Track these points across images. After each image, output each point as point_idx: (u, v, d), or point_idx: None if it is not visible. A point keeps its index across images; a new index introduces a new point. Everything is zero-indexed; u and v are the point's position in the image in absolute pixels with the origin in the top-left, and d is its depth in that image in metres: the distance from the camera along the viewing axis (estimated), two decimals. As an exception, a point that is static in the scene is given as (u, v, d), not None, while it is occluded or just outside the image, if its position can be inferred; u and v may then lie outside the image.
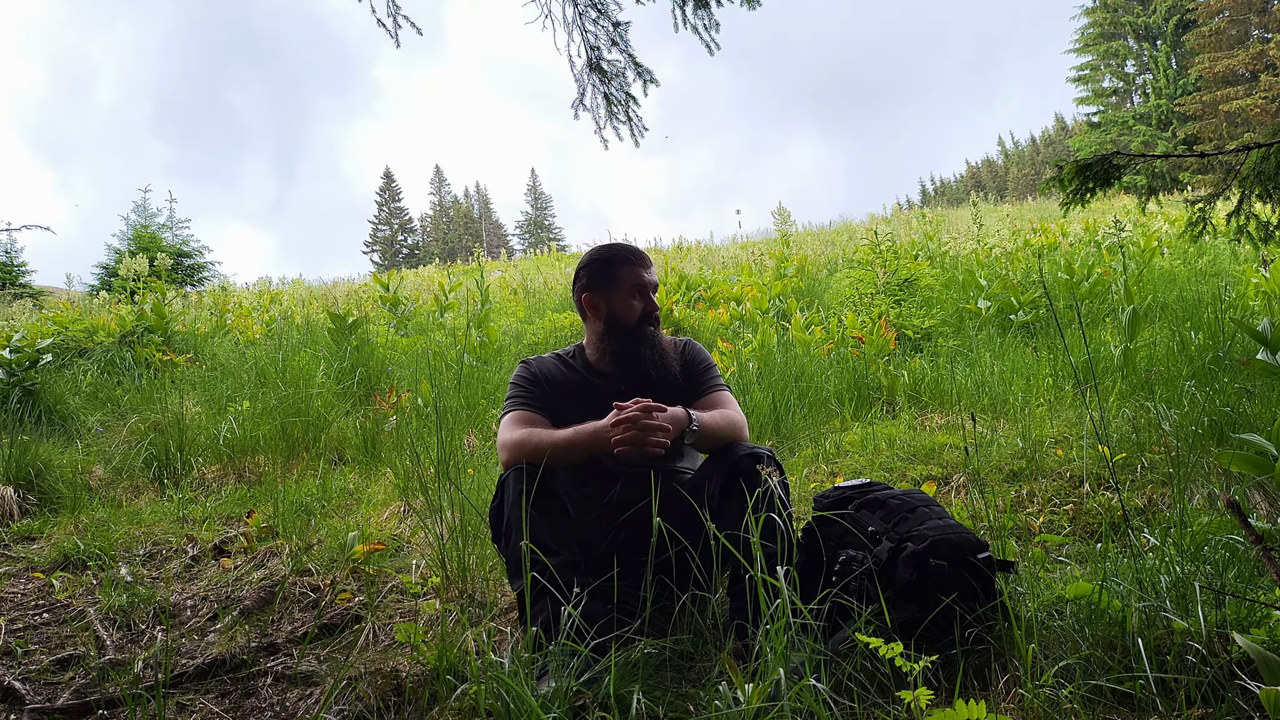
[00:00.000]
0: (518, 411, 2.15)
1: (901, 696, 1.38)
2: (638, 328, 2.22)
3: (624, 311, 2.21)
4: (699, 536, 1.88)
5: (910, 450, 3.50)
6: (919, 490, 2.04)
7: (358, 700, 1.74)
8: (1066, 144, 51.60)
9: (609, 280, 2.22)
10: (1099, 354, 4.30)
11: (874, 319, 5.50)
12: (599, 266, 2.25)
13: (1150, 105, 37.63)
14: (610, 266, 2.23)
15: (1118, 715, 1.45)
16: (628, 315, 2.21)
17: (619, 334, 2.22)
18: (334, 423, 4.53)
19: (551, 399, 2.20)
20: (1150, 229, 9.63)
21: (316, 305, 10.76)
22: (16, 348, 5.29)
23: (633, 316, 2.21)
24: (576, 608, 1.70)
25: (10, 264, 15.68)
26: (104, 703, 1.83)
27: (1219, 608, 1.58)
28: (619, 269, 2.22)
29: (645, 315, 2.23)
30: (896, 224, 15.23)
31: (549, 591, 1.79)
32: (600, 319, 2.23)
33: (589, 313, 2.26)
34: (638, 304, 2.22)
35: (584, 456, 2.04)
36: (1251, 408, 2.92)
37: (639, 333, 2.22)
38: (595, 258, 2.27)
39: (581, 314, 2.30)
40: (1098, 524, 2.47)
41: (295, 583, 2.48)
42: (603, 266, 2.24)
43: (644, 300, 2.23)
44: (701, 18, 3.78)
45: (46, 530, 3.35)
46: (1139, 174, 2.87)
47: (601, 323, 2.23)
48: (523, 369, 2.27)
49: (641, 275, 2.23)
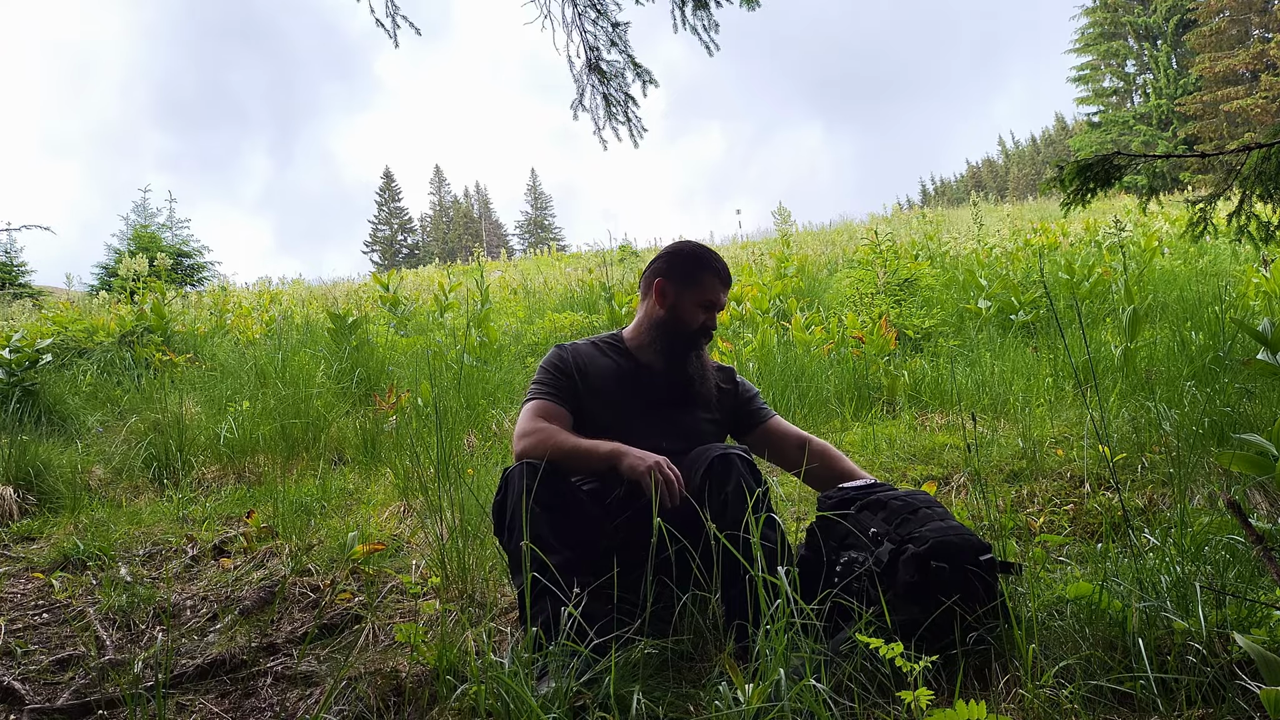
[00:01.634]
0: (542, 402, 2.16)
1: (902, 697, 1.38)
2: (695, 336, 2.23)
3: (689, 315, 2.22)
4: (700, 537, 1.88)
5: (910, 450, 3.50)
6: (922, 491, 2.04)
7: (358, 700, 1.74)
8: (1067, 144, 51.59)
9: (690, 279, 2.22)
10: (1099, 354, 4.30)
11: (874, 319, 5.49)
12: (689, 261, 2.25)
13: (1151, 105, 37.63)
14: (698, 268, 2.23)
15: (1118, 715, 1.45)
16: (690, 319, 2.22)
17: (674, 333, 2.22)
18: (334, 423, 4.53)
19: (580, 390, 2.20)
20: (1151, 229, 9.63)
21: (316, 305, 10.76)
22: (16, 348, 5.29)
23: (694, 324, 2.22)
24: (577, 608, 1.70)
25: (10, 264, 15.68)
26: (104, 703, 1.83)
27: (1219, 608, 1.58)
28: (703, 275, 2.22)
29: (704, 329, 2.24)
30: (897, 224, 15.24)
31: (550, 591, 1.79)
32: (664, 308, 2.23)
33: (656, 298, 2.24)
34: (702, 316, 2.23)
35: (595, 471, 2.05)
36: (1252, 408, 2.92)
37: (695, 341, 2.24)
38: (687, 252, 2.28)
39: (645, 294, 2.29)
40: (1098, 524, 2.47)
41: (295, 583, 2.48)
42: (692, 263, 2.25)
43: (709, 315, 2.24)
44: (701, 18, 3.78)
45: (46, 530, 3.35)
46: (1139, 174, 2.87)
47: (664, 312, 2.23)
48: (556, 356, 2.25)
49: (719, 293, 2.24)
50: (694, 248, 2.29)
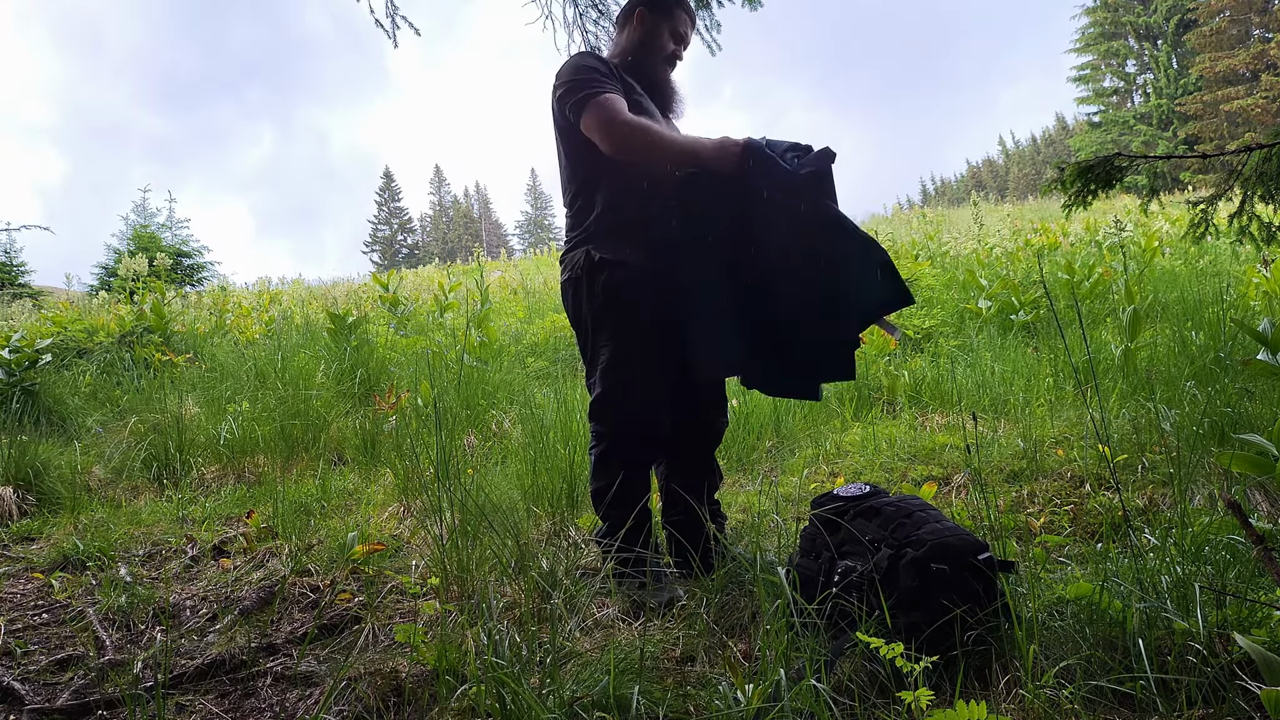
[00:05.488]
0: (617, 98, 2.24)
1: (902, 697, 1.38)
2: (665, 60, 2.49)
3: (661, 40, 2.47)
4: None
5: (911, 450, 3.50)
6: (915, 496, 2.04)
7: (357, 701, 1.74)
8: (1067, 144, 51.58)
9: (666, 10, 2.47)
10: (1100, 354, 4.30)
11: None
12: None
13: (1151, 105, 37.63)
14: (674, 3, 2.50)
15: (1118, 716, 1.45)
16: (663, 45, 2.47)
17: (648, 55, 2.47)
18: (333, 423, 4.53)
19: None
20: (1151, 229, 9.62)
21: (316, 305, 10.76)
22: (16, 348, 5.29)
23: (665, 50, 2.48)
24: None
25: (10, 264, 15.67)
26: (103, 703, 1.82)
27: (1220, 608, 1.58)
28: (676, 9, 2.50)
29: (672, 56, 2.51)
30: (897, 223, 15.24)
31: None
32: (642, 33, 2.47)
33: (635, 24, 2.48)
34: (672, 45, 2.49)
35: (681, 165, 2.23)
36: (1252, 408, 2.92)
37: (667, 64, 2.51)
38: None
39: (623, 25, 2.52)
40: (1098, 524, 2.47)
41: (295, 583, 2.47)
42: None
43: (677, 46, 2.51)
44: (702, 18, 3.78)
45: (46, 530, 3.35)
46: (1140, 174, 2.86)
47: (640, 36, 2.47)
48: (596, 60, 2.38)
49: (688, 28, 2.52)
50: None
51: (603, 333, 2.32)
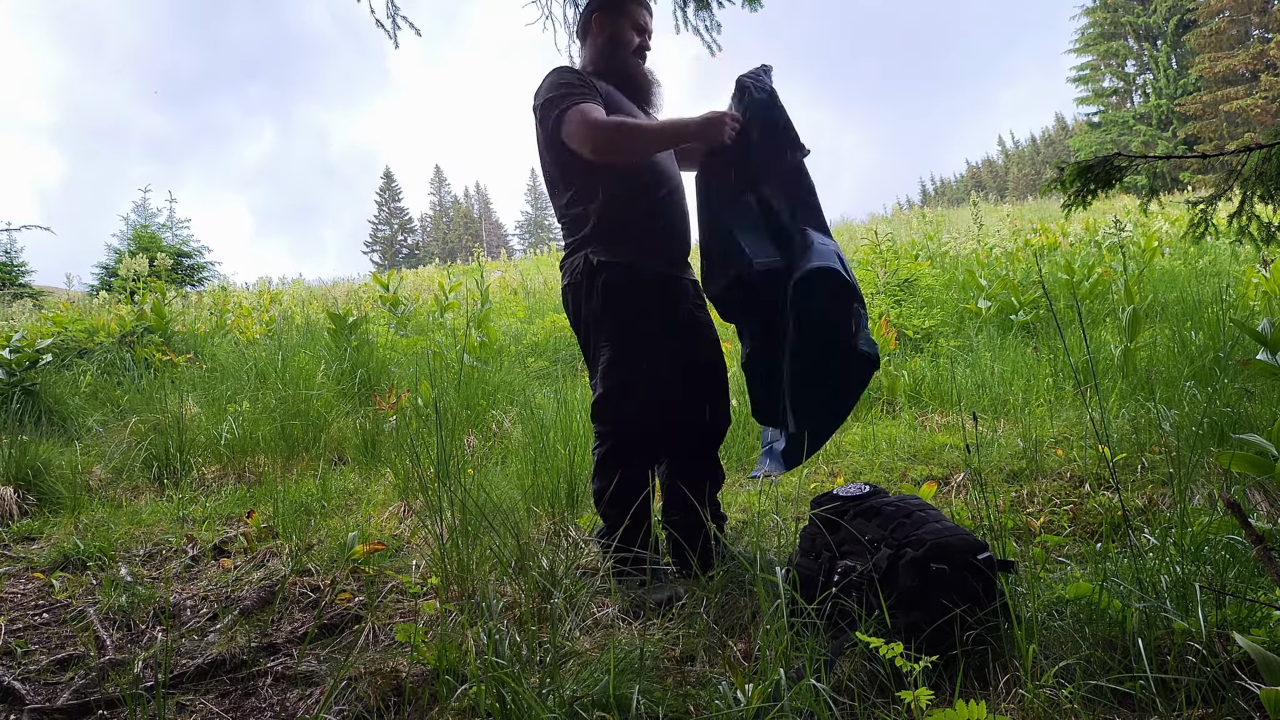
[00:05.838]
0: (593, 105, 2.28)
1: (902, 697, 1.38)
2: (635, 54, 2.53)
3: (626, 37, 2.51)
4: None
5: (910, 450, 3.50)
6: (914, 496, 2.04)
7: (357, 700, 1.74)
8: (1067, 144, 51.59)
9: (619, 9, 2.51)
10: (1099, 354, 4.30)
11: (874, 319, 5.49)
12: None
13: (1150, 105, 37.63)
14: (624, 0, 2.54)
15: (1118, 715, 1.45)
16: (628, 41, 2.51)
17: (616, 56, 2.51)
18: (334, 423, 4.53)
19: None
20: (1151, 229, 9.62)
21: (316, 305, 10.75)
22: (16, 348, 5.29)
23: (631, 45, 2.52)
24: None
25: (10, 264, 15.66)
26: (104, 703, 1.83)
27: (1219, 608, 1.58)
28: (628, 4, 2.53)
29: (640, 48, 2.54)
30: (897, 224, 15.24)
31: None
32: (604, 36, 2.51)
33: (595, 30, 2.52)
34: (637, 39, 2.53)
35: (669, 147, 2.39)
36: (1252, 408, 2.93)
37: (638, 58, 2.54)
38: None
39: (584, 35, 2.56)
40: (1098, 524, 2.47)
41: (295, 583, 2.47)
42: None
43: (642, 38, 2.54)
44: (703, 19, 3.78)
45: (46, 530, 3.35)
46: (1140, 174, 2.87)
47: (604, 40, 2.51)
48: (571, 74, 2.40)
49: (646, 17, 2.55)
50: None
51: (603, 334, 2.34)
